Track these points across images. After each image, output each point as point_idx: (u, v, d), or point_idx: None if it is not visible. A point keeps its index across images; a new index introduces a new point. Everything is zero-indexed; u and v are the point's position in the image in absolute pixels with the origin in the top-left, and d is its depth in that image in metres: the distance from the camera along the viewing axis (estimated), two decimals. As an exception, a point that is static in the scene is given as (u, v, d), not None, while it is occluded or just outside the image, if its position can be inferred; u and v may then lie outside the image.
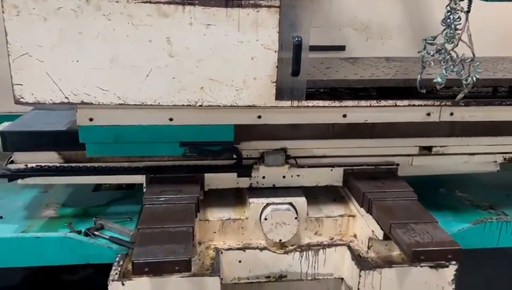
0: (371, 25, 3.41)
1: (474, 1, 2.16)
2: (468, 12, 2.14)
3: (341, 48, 3.45)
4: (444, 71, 2.23)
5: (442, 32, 2.24)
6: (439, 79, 2.26)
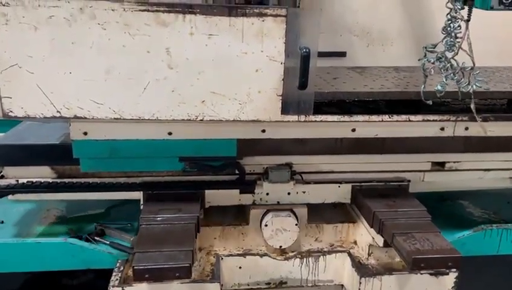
0: (372, 31, 3.37)
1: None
2: (468, 21, 2.12)
3: (342, 54, 3.40)
4: (444, 79, 2.23)
5: (443, 40, 2.21)
6: (439, 87, 2.25)
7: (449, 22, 2.15)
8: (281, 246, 2.56)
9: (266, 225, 2.54)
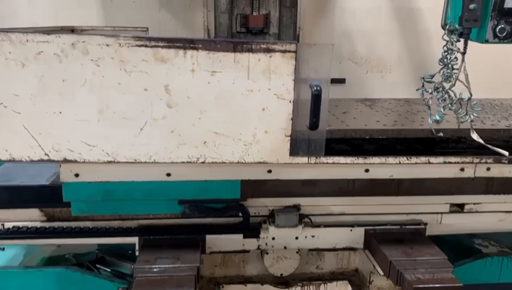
0: (371, 58, 3.50)
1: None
2: (464, 54, 2.13)
3: (341, 81, 3.53)
4: (442, 109, 2.24)
5: (440, 70, 2.21)
6: (437, 117, 2.25)
7: (446, 53, 2.17)
8: (281, 274, 2.57)
9: (267, 253, 2.52)
